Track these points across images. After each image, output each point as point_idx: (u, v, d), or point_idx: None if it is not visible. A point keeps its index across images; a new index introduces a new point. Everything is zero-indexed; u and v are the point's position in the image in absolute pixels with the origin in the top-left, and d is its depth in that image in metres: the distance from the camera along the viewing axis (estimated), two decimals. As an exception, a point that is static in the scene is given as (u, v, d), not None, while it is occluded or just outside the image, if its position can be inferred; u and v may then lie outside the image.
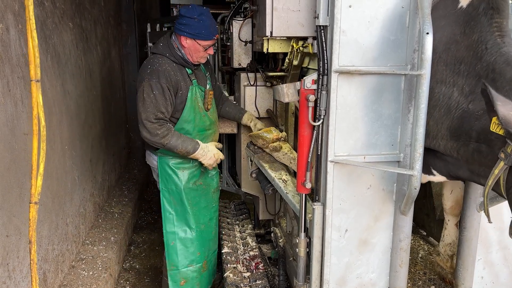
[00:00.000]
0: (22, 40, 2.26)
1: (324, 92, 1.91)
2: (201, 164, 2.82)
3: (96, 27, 4.03)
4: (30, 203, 1.43)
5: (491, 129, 1.53)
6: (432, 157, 1.90)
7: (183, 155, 2.69)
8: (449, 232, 2.52)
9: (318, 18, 1.88)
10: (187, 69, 2.69)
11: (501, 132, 1.48)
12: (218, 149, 2.86)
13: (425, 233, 3.22)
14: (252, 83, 3.08)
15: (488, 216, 1.70)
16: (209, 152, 2.74)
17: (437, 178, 1.95)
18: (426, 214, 3.18)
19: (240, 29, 3.21)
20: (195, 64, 2.72)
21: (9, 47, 2.11)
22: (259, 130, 2.83)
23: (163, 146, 2.59)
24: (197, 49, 2.62)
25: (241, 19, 3.24)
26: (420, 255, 2.89)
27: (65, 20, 3.07)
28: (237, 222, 3.65)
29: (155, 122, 2.53)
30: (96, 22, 4.02)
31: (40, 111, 1.29)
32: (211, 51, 2.70)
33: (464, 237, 2.11)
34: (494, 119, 1.50)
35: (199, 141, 2.71)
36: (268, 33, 2.05)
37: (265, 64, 3.28)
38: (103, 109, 4.16)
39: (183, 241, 2.85)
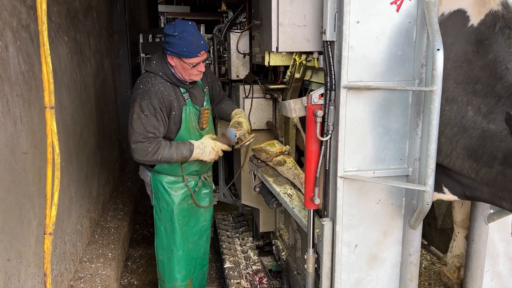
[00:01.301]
0: (21, 57, 2.21)
1: (332, 107, 1.90)
2: (198, 177, 2.79)
3: (90, 39, 3.97)
4: (44, 234, 1.37)
5: None
6: (444, 175, 1.89)
7: (182, 161, 2.63)
8: (458, 244, 2.51)
9: (325, 33, 1.88)
10: (180, 88, 2.61)
11: None
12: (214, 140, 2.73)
13: (426, 243, 3.23)
14: (255, 94, 3.07)
15: None
16: (207, 148, 2.62)
17: (447, 196, 1.94)
18: (428, 223, 3.19)
19: (238, 41, 3.20)
20: (190, 82, 2.65)
21: (8, 65, 2.05)
22: (249, 134, 2.71)
23: (158, 161, 2.53)
24: (184, 68, 2.52)
25: (239, 31, 3.23)
26: (423, 265, 2.89)
27: (60, 34, 3.01)
28: (237, 235, 3.61)
29: (144, 141, 2.46)
30: (89, 34, 3.96)
31: (55, 139, 1.24)
32: (201, 67, 2.56)
33: (472, 249, 2.11)
34: None
35: (192, 141, 2.61)
36: (274, 49, 2.04)
37: (264, 75, 3.28)
38: (97, 121, 4.09)
39: (170, 259, 2.85)
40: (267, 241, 3.75)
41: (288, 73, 2.63)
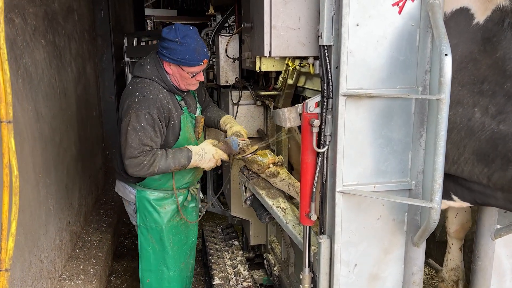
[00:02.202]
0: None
1: (329, 117, 1.77)
2: (187, 190, 2.62)
3: (70, 42, 3.78)
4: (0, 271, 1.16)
5: None
6: (451, 183, 1.77)
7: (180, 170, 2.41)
8: (453, 256, 2.41)
9: (321, 37, 1.74)
10: (176, 95, 2.43)
11: None
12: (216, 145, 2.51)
13: (423, 255, 3.11)
14: (245, 101, 2.92)
15: None
16: (207, 155, 2.37)
17: (458, 203, 1.83)
18: (425, 235, 3.07)
19: (227, 45, 3.06)
20: (184, 90, 2.46)
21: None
22: (234, 135, 2.51)
23: (155, 173, 2.32)
24: (183, 76, 2.32)
25: (228, 35, 3.09)
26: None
27: (37, 37, 2.83)
28: (226, 247, 3.45)
29: (139, 155, 2.25)
30: (70, 37, 3.77)
31: (13, 158, 1.06)
32: (200, 77, 2.37)
33: (478, 267, 1.99)
34: None
35: (190, 147, 2.38)
36: (266, 53, 1.89)
37: (254, 81, 3.14)
38: (79, 129, 3.89)
39: (159, 282, 2.64)
40: (257, 253, 3.60)
41: (281, 79, 2.50)
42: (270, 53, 1.90)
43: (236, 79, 3.09)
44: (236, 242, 3.58)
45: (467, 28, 1.69)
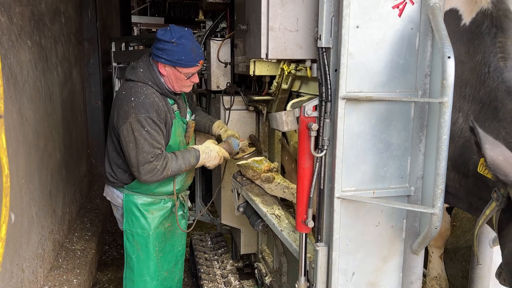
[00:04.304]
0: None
1: (328, 120, 1.72)
2: (177, 196, 2.54)
3: (57, 45, 3.69)
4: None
5: (478, 170, 1.42)
6: None
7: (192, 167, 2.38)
8: (433, 265, 2.40)
9: (320, 39, 1.70)
10: (169, 99, 2.38)
11: (489, 176, 1.36)
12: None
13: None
14: (237, 106, 2.88)
15: (477, 256, 1.59)
16: (212, 152, 2.40)
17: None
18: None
19: (218, 50, 3.01)
20: (176, 93, 2.42)
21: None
22: (227, 137, 2.55)
23: (168, 176, 2.28)
24: (178, 78, 2.29)
25: (220, 39, 3.04)
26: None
27: (22, 38, 2.73)
28: (216, 257, 3.36)
29: (153, 160, 2.19)
30: (56, 40, 3.67)
31: (3, 155, 0.97)
32: (195, 79, 2.36)
33: (476, 275, 1.96)
34: (481, 160, 1.39)
35: (195, 146, 2.39)
36: (263, 55, 1.85)
37: (246, 86, 3.09)
38: (64, 134, 3.78)
39: None
40: (247, 263, 3.52)
41: (275, 83, 2.46)
42: (267, 55, 1.85)
43: (228, 84, 3.04)
44: (226, 252, 3.50)
45: (456, 28, 1.69)
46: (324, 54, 1.71)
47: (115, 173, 2.43)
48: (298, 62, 2.09)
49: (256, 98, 2.65)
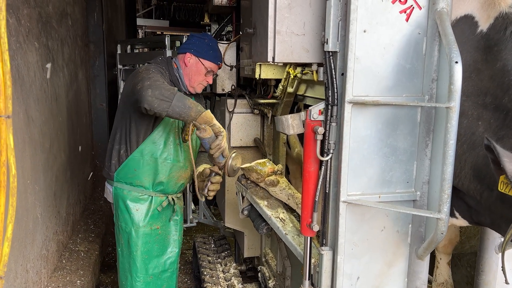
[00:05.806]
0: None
1: (334, 124, 1.72)
2: (166, 196, 2.50)
3: (63, 47, 3.71)
4: (-7, 279, 1.07)
5: (499, 189, 1.38)
6: (454, 197, 1.73)
7: (187, 118, 2.14)
8: (441, 271, 2.37)
9: (327, 43, 1.71)
10: None
11: (510, 193, 1.33)
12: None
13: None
14: (242, 109, 2.90)
15: (505, 275, 1.53)
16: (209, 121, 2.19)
17: (459, 222, 1.78)
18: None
19: (224, 53, 3.02)
20: (188, 93, 2.50)
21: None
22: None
23: (171, 103, 2.06)
24: (198, 71, 2.49)
25: (225, 42, 3.05)
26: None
27: (30, 39, 2.75)
28: (219, 260, 3.35)
29: (160, 80, 2.19)
30: (63, 42, 3.69)
31: (11, 155, 0.98)
32: (210, 79, 2.56)
33: (482, 281, 1.95)
34: (502, 177, 1.35)
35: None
36: (270, 59, 1.85)
37: (251, 90, 3.10)
38: (69, 136, 3.79)
39: (126, 286, 2.54)
40: (250, 266, 3.51)
41: (280, 87, 2.46)
42: (273, 58, 1.86)
43: (233, 86, 3.05)
44: (229, 255, 3.49)
45: (472, 36, 1.67)
46: (331, 58, 1.72)
47: (110, 163, 2.48)
48: (304, 65, 2.10)
49: (261, 101, 2.66)
